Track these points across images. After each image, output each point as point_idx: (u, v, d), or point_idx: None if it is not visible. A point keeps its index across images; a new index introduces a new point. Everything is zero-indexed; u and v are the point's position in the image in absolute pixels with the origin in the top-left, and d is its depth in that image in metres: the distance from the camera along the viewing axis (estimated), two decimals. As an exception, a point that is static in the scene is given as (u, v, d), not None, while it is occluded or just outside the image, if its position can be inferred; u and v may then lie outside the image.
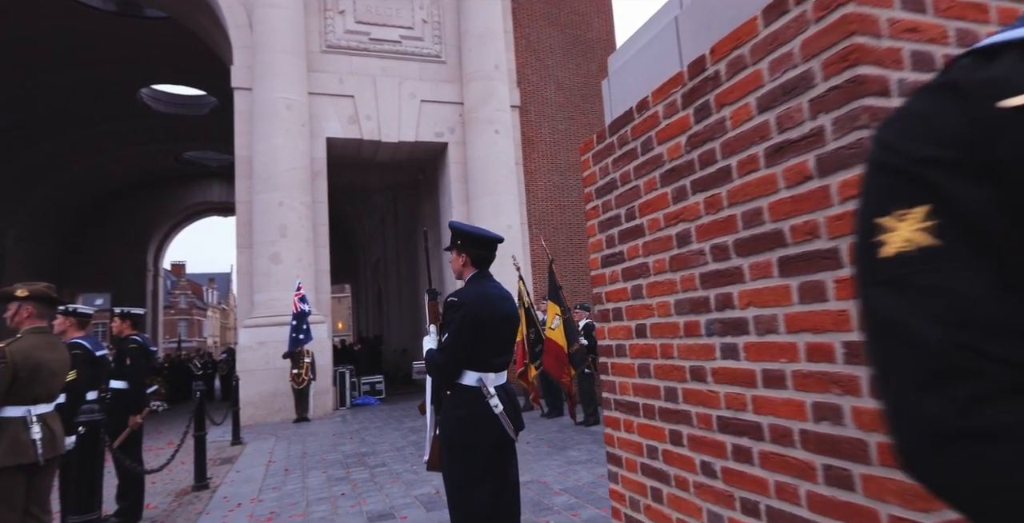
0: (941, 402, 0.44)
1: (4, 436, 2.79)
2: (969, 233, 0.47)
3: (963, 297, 0.45)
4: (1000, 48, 0.53)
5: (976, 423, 0.42)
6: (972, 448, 0.42)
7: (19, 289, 3.08)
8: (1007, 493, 0.41)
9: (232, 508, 4.60)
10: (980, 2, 1.16)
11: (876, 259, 0.51)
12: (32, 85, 19.10)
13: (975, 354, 0.44)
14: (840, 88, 1.07)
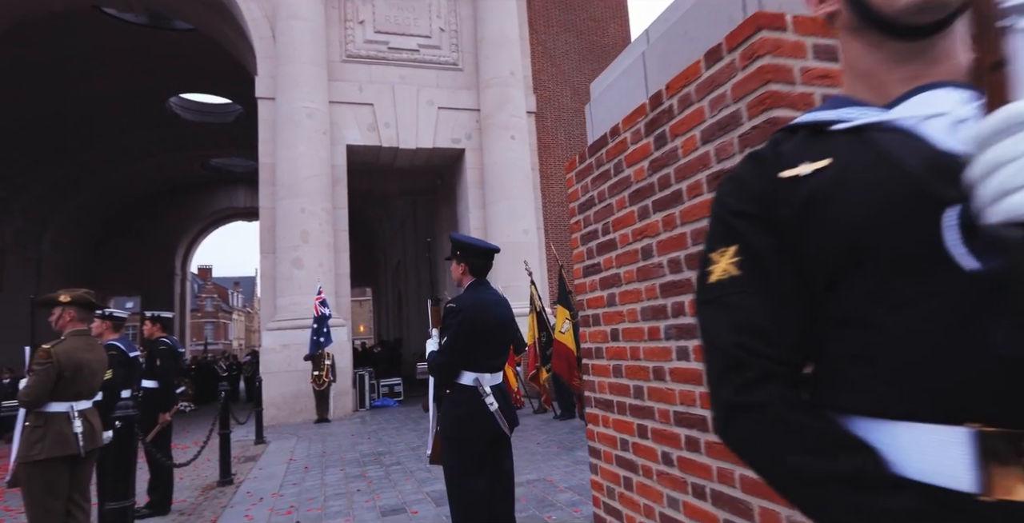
0: (727, 386, 0.63)
1: (49, 430, 3.06)
2: (758, 268, 0.65)
3: (747, 312, 0.64)
4: (797, 127, 0.72)
5: (744, 399, 0.61)
6: (740, 417, 0.62)
7: (62, 295, 3.36)
8: (760, 444, 0.60)
9: (255, 502, 4.85)
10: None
11: (705, 284, 0.70)
12: (67, 98, 19.82)
13: (748, 352, 0.62)
14: (759, 128, 1.25)
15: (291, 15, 12.39)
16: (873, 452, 0.56)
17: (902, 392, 0.56)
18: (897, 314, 0.57)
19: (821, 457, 0.56)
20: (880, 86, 0.67)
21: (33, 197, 23.19)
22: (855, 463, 0.55)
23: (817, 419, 0.59)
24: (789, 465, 0.58)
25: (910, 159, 0.57)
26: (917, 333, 0.55)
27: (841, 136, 0.66)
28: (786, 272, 0.64)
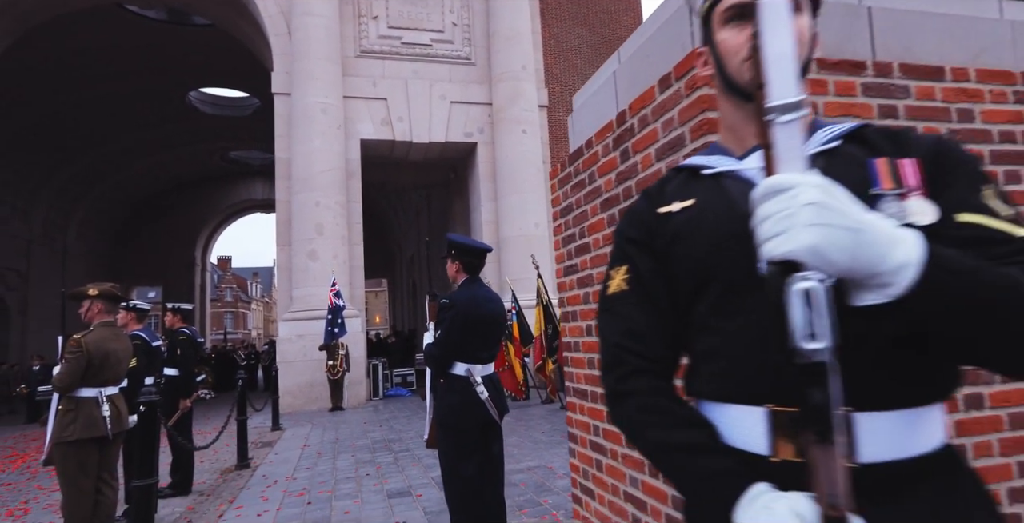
0: (610, 377, 0.81)
1: (80, 413, 3.32)
2: (641, 285, 0.83)
3: (629, 320, 0.82)
4: (682, 169, 0.89)
5: (621, 388, 0.79)
6: (619, 402, 0.79)
7: (91, 289, 3.61)
8: (631, 423, 0.78)
9: (270, 484, 5.12)
10: (819, 79, 1.48)
11: (604, 295, 0.87)
12: (91, 93, 20.25)
13: (626, 352, 0.80)
14: (699, 150, 1.41)
15: (306, 12, 12.58)
16: (710, 427, 0.74)
17: (728, 382, 0.73)
18: (729, 323, 0.74)
19: (671, 432, 0.74)
20: (741, 139, 0.83)
21: (59, 189, 23.81)
22: (693, 436, 0.72)
23: (673, 403, 0.76)
24: (649, 438, 0.76)
25: (743, 203, 0.74)
26: (738, 337, 0.72)
27: (706, 180, 0.83)
28: (661, 289, 0.81)
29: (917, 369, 0.68)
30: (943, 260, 0.59)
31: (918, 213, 0.68)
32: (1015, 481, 1.46)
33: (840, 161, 0.75)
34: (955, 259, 0.60)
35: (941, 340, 0.62)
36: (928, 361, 0.67)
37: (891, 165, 0.72)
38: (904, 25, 1.66)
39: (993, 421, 1.48)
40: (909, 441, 0.67)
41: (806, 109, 0.62)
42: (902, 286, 0.58)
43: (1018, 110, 1.65)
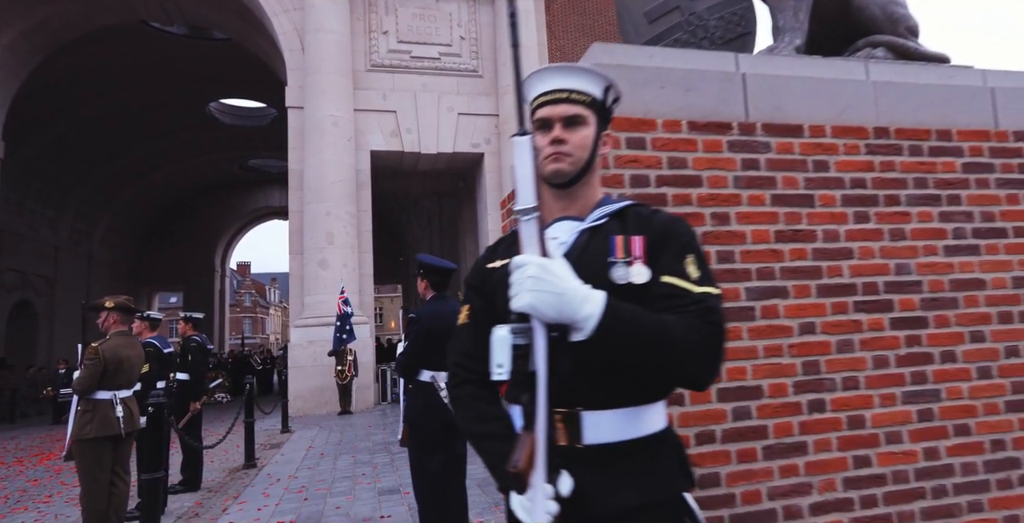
0: (450, 385, 1.13)
1: (96, 414, 3.70)
2: (475, 319, 1.15)
3: (465, 344, 1.14)
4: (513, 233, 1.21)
5: (455, 394, 1.11)
6: (454, 404, 1.11)
7: (107, 301, 4.00)
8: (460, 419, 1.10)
9: (272, 483, 5.48)
10: (690, 138, 1.79)
11: (456, 325, 1.19)
12: (115, 105, 21.01)
13: (459, 367, 1.12)
14: (583, 200, 1.73)
15: (318, 28, 13.05)
16: (505, 421, 1.05)
17: (517, 389, 1.05)
18: None
19: (480, 425, 1.05)
20: (549, 213, 1.15)
21: (85, 198, 24.65)
22: (492, 428, 1.04)
23: (487, 404, 1.08)
24: (468, 430, 1.07)
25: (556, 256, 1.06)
26: None
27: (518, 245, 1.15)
28: (488, 324, 1.13)
29: (629, 382, 0.99)
30: (618, 311, 0.90)
31: (636, 275, 1.00)
32: (849, 472, 1.75)
33: (600, 235, 1.07)
34: (627, 310, 0.91)
35: (629, 364, 0.93)
36: (635, 376, 0.98)
37: (625, 241, 1.03)
38: (775, 88, 1.96)
39: (833, 422, 1.77)
40: (628, 429, 0.99)
41: (537, 212, 0.94)
42: (589, 330, 0.89)
43: (869, 160, 1.94)
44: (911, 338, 1.87)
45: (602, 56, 1.85)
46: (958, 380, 1.88)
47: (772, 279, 1.78)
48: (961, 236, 1.97)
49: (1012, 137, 2.08)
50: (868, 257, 1.87)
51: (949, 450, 1.83)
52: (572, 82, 1.13)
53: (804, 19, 2.40)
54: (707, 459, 1.64)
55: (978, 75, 2.19)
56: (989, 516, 1.82)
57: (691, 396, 1.66)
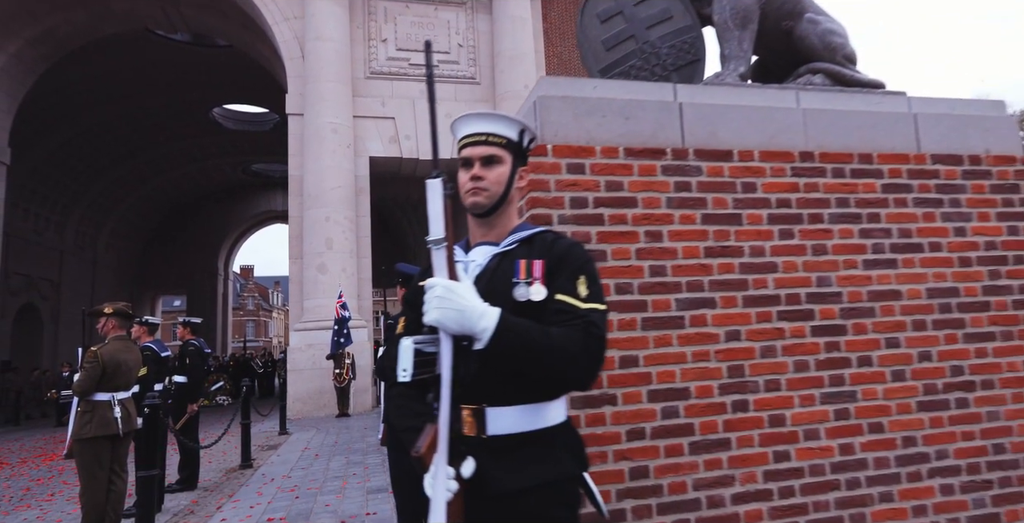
0: (385, 385, 1.32)
1: (95, 414, 3.90)
2: (409, 328, 1.34)
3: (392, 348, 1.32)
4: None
5: (388, 394, 1.30)
6: (389, 402, 1.30)
7: (106, 307, 4.20)
8: (392, 414, 1.29)
9: (267, 482, 5.67)
10: (626, 163, 1.98)
11: (394, 334, 1.38)
12: (119, 111, 21.31)
13: (392, 370, 1.31)
14: (527, 217, 1.92)
15: (318, 37, 13.29)
16: (428, 417, 1.23)
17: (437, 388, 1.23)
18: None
19: (405, 420, 1.24)
20: (472, 238, 1.34)
21: (90, 202, 24.95)
22: (416, 422, 1.22)
23: (414, 403, 1.26)
24: (396, 424, 1.26)
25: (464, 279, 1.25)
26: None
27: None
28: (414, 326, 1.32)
29: (525, 383, 1.18)
30: (509, 325, 1.09)
31: (535, 294, 1.19)
32: (769, 465, 1.93)
33: (509, 258, 1.26)
34: (517, 324, 1.10)
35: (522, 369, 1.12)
36: (530, 379, 1.17)
37: (528, 264, 1.23)
38: (710, 116, 2.15)
39: (756, 420, 1.95)
40: (526, 422, 1.18)
41: (445, 242, 1.13)
42: (485, 340, 1.08)
43: (794, 182, 2.12)
44: (830, 344, 2.05)
45: (549, 88, 2.04)
46: (873, 382, 2.06)
47: (701, 291, 1.97)
48: (880, 251, 2.15)
49: (930, 160, 2.26)
50: (791, 270, 2.06)
51: (863, 446, 2.01)
52: (490, 127, 1.33)
53: (748, 48, 2.59)
54: (637, 453, 1.83)
55: (903, 102, 2.38)
56: (899, 506, 1.99)
57: (623, 396, 1.85)
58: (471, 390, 1.15)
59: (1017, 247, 2.28)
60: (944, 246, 2.21)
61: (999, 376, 2.17)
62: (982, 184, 2.29)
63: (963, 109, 2.42)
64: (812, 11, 2.68)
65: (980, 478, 2.08)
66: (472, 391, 1.15)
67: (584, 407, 1.81)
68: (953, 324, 2.16)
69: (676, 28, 2.65)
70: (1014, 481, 2.10)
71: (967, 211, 2.26)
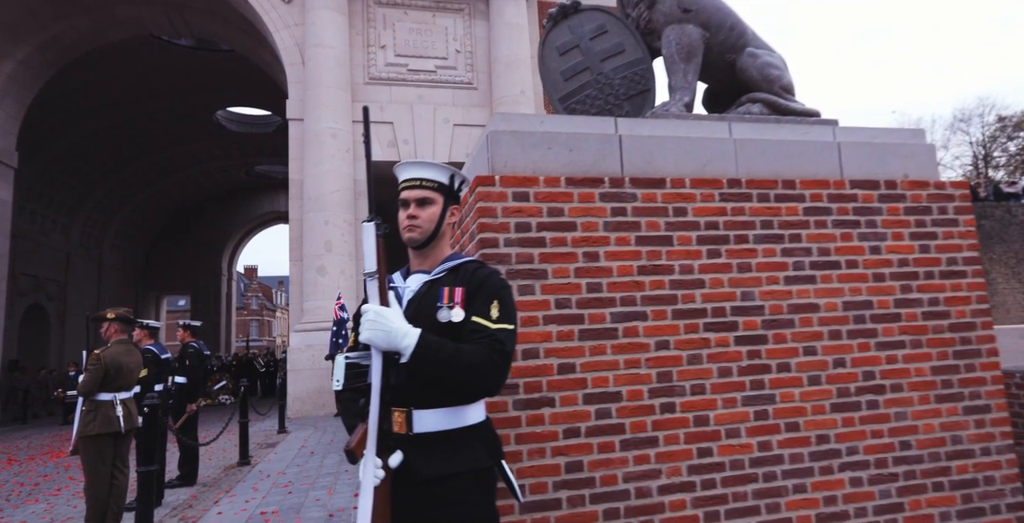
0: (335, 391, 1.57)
1: (99, 413, 4.16)
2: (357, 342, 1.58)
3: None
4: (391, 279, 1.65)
5: (337, 399, 1.55)
6: (338, 404, 1.55)
7: (109, 312, 4.47)
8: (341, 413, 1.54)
9: (263, 478, 5.93)
10: (567, 191, 2.22)
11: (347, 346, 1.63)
12: (125, 114, 21.64)
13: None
14: (477, 241, 2.16)
15: (318, 44, 13.56)
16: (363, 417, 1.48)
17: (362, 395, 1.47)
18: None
19: (350, 420, 1.49)
20: (411, 266, 1.59)
21: (96, 204, 25.31)
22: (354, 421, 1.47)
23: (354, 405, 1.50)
24: (344, 423, 1.51)
25: (393, 305, 1.50)
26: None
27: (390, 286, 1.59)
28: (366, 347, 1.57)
29: (444, 390, 1.42)
30: (427, 343, 1.34)
31: (455, 316, 1.44)
32: (693, 460, 2.17)
33: (436, 285, 1.51)
34: (434, 342, 1.35)
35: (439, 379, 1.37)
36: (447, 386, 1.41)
37: (450, 290, 1.47)
38: (648, 146, 2.39)
39: (682, 420, 2.19)
40: (446, 422, 1.42)
41: (377, 275, 1.38)
42: (407, 355, 1.33)
43: (722, 206, 2.36)
44: (752, 352, 2.29)
45: (500, 124, 2.29)
46: (791, 386, 2.30)
47: (634, 305, 2.21)
48: (800, 268, 2.39)
49: (849, 185, 2.50)
50: (718, 286, 2.30)
51: (780, 443, 2.25)
52: (424, 173, 1.58)
53: (692, 80, 2.83)
54: (573, 450, 2.07)
55: (829, 131, 2.62)
56: (811, 496, 2.23)
57: (561, 399, 2.09)
58: (400, 396, 1.39)
59: (928, 264, 2.51)
60: (860, 263, 2.45)
61: (907, 380, 2.41)
62: (897, 206, 2.53)
63: (884, 138, 2.66)
64: (753, 45, 2.92)
65: (887, 471, 2.31)
66: (401, 396, 1.40)
67: (525, 409, 2.06)
68: (866, 334, 2.40)
69: (628, 61, 2.89)
70: (918, 474, 2.34)
71: (882, 231, 2.49)
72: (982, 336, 2.52)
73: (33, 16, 14.73)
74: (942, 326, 2.48)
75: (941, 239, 2.55)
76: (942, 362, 2.46)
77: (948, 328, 2.49)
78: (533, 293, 2.12)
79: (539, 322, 2.11)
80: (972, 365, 2.48)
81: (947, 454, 2.39)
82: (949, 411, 2.42)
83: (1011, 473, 2.43)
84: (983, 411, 2.46)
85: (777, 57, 2.93)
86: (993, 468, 2.41)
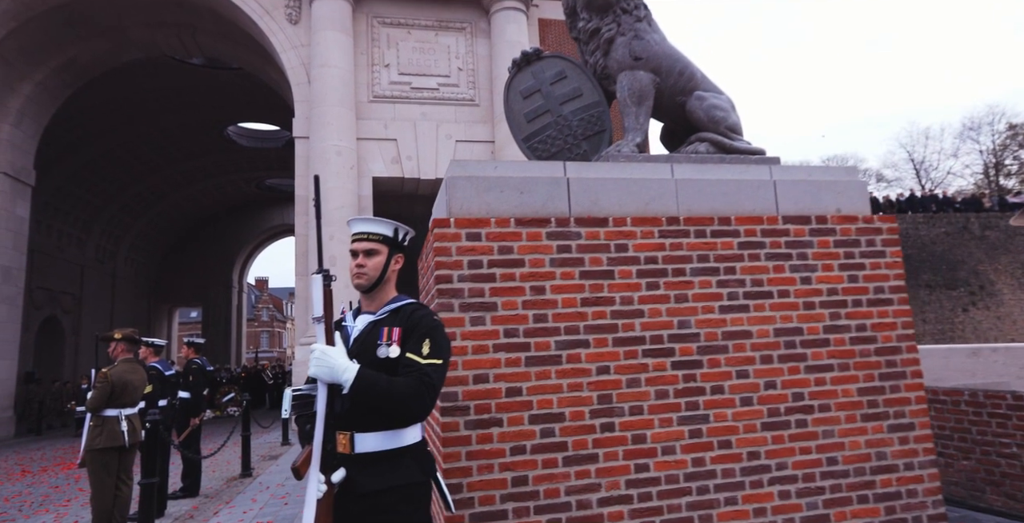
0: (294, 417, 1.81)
1: (105, 428, 4.43)
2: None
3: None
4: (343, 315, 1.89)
5: (296, 424, 1.79)
6: (295, 421, 1.79)
7: (116, 333, 4.76)
8: (298, 427, 1.78)
9: (262, 490, 6.17)
10: (516, 231, 2.47)
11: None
12: (139, 131, 22.22)
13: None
14: (434, 277, 2.41)
15: (323, 64, 13.96)
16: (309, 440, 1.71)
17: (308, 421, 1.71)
18: None
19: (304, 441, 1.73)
20: (362, 307, 1.84)
21: (110, 218, 25.90)
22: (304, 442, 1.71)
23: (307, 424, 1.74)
24: (301, 443, 1.75)
25: (342, 342, 1.74)
26: None
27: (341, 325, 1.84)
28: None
29: (381, 416, 1.65)
30: (364, 377, 1.58)
31: (392, 352, 1.68)
32: (631, 475, 2.38)
33: (378, 326, 1.75)
34: (370, 376, 1.58)
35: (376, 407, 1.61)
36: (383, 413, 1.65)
37: (389, 330, 1.71)
38: (594, 188, 2.63)
39: (620, 439, 2.41)
40: (384, 443, 1.66)
41: (323, 318, 1.62)
42: (348, 387, 1.57)
43: (661, 242, 2.59)
44: (688, 376, 2.51)
45: (457, 170, 2.54)
46: (724, 407, 2.51)
47: (577, 334, 2.44)
48: (734, 298, 2.61)
49: (782, 220, 2.72)
50: (656, 316, 2.52)
51: (713, 459, 2.46)
52: (371, 228, 1.82)
53: (644, 121, 3.07)
54: (519, 465, 2.30)
55: (765, 170, 2.84)
56: (742, 508, 2.44)
57: (508, 420, 2.32)
58: (344, 421, 1.63)
59: (856, 292, 2.73)
60: (791, 293, 2.67)
61: (835, 400, 2.61)
62: (827, 240, 2.75)
63: (819, 175, 2.88)
64: (702, 88, 3.16)
65: (814, 485, 2.52)
66: (345, 421, 1.64)
67: (476, 428, 2.29)
68: (796, 358, 2.61)
69: (585, 104, 3.14)
70: (844, 487, 2.54)
71: (813, 263, 2.71)
72: (907, 359, 2.72)
73: (51, 40, 15.27)
74: (869, 350, 2.69)
75: (869, 269, 2.76)
76: (868, 384, 2.66)
77: (875, 352, 2.70)
78: (484, 323, 2.36)
79: (489, 350, 2.35)
80: (897, 386, 2.69)
81: (872, 469, 2.58)
82: (875, 429, 2.62)
83: (933, 486, 2.62)
84: (907, 429, 2.66)
85: (724, 99, 3.16)
86: (916, 482, 2.61)
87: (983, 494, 3.76)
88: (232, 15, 15.19)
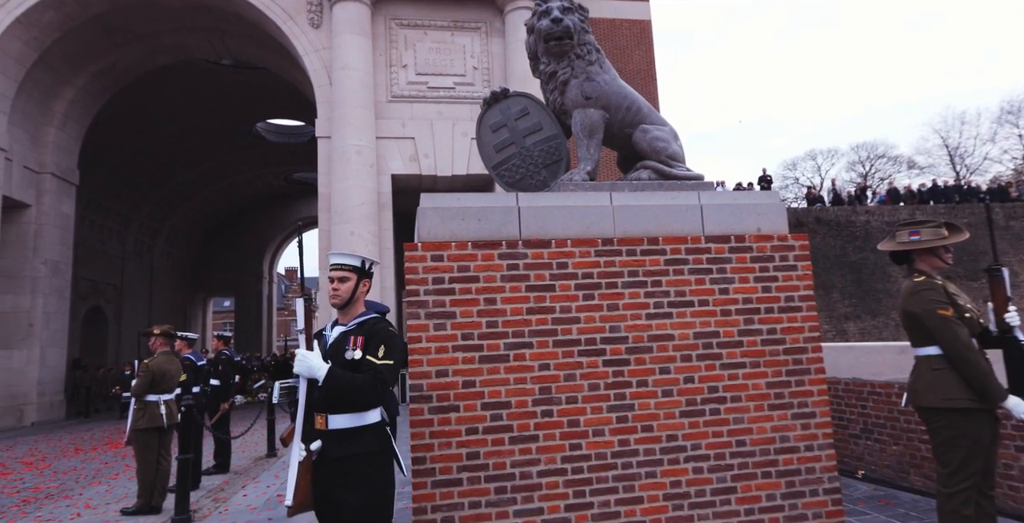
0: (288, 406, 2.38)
1: (146, 411, 5.13)
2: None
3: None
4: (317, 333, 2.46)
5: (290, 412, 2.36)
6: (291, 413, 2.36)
7: (155, 329, 5.45)
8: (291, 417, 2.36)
9: (285, 468, 6.87)
10: (472, 252, 3.00)
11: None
12: (173, 129, 23.25)
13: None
14: (406, 291, 2.96)
15: (344, 66, 14.56)
16: (293, 419, 2.28)
17: (297, 405, 2.28)
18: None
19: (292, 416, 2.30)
20: (338, 320, 2.40)
21: (148, 213, 27.16)
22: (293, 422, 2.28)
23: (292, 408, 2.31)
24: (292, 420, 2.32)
25: (322, 347, 2.30)
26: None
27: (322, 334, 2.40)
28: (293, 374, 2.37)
29: (349, 402, 2.21)
30: (334, 373, 2.14)
31: (356, 356, 2.23)
32: (566, 453, 2.91)
33: (347, 335, 2.31)
34: (338, 373, 2.14)
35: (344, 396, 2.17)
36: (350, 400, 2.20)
37: (354, 338, 2.27)
38: (541, 214, 3.13)
39: (558, 423, 2.93)
40: (351, 422, 2.23)
41: (304, 330, 2.18)
42: (321, 381, 2.13)
43: (597, 260, 3.08)
44: (616, 372, 3.01)
45: (426, 202, 3.07)
46: (648, 398, 3.01)
47: (523, 337, 2.97)
48: (660, 307, 3.10)
49: (704, 240, 3.19)
50: (591, 322, 3.03)
51: (636, 440, 2.97)
52: (342, 260, 2.38)
53: (595, 152, 3.55)
54: (472, 443, 2.85)
55: (694, 196, 3.31)
56: (660, 480, 2.95)
57: (464, 406, 2.86)
58: (321, 405, 2.20)
59: (769, 301, 3.19)
60: (711, 302, 3.15)
61: (746, 393, 3.09)
62: (744, 256, 3.21)
63: (743, 199, 3.34)
64: (647, 122, 3.62)
65: (724, 463, 3.01)
66: (322, 406, 2.20)
67: (437, 413, 2.84)
68: (712, 357, 3.10)
69: (545, 136, 3.64)
70: (750, 465, 3.03)
71: (731, 276, 3.18)
72: (812, 358, 3.18)
73: (91, 47, 16.18)
74: (777, 350, 3.16)
75: (781, 281, 3.22)
76: (776, 378, 3.14)
77: (783, 352, 3.17)
78: (445, 329, 2.90)
79: (449, 350, 2.89)
80: (802, 381, 3.15)
81: (776, 450, 3.07)
82: (780, 417, 3.10)
83: (829, 465, 3.10)
84: (809, 417, 3.13)
85: (667, 131, 3.62)
86: (814, 461, 3.08)
87: (908, 475, 4.18)
88: (258, 20, 15.87)
